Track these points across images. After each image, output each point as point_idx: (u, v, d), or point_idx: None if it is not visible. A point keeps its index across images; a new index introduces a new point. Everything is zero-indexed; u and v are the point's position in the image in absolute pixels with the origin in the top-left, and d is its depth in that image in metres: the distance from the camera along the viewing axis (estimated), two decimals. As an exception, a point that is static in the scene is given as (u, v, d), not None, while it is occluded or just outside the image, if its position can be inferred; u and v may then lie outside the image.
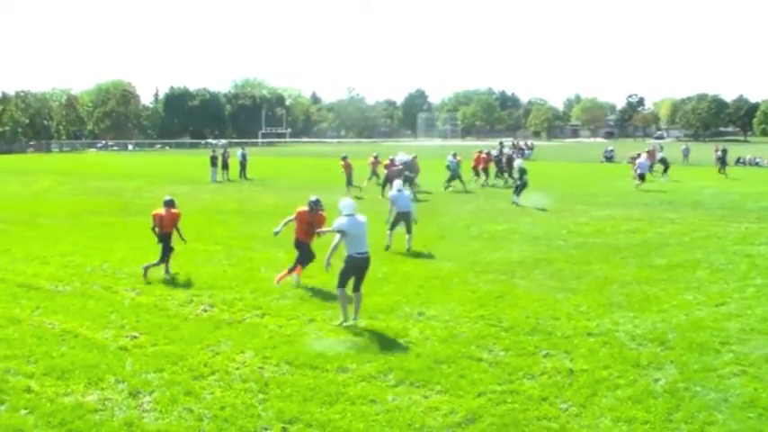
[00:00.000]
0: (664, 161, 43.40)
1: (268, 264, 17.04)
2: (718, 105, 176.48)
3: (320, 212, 14.98)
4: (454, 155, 37.85)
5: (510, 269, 16.60)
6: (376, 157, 39.47)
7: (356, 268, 12.15)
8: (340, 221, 12.02)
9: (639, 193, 35.23)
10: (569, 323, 12.16)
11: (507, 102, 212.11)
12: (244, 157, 46.03)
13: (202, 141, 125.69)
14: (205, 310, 13.12)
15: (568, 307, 13.20)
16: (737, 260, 17.62)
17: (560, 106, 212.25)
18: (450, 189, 36.39)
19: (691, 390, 9.19)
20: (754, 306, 13.24)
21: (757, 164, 50.99)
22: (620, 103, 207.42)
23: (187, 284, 15.11)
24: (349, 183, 34.73)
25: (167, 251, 15.75)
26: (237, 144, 77.14)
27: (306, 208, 14.93)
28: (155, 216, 15.93)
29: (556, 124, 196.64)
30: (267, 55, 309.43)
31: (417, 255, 18.44)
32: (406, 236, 19.00)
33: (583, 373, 9.79)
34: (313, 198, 14.91)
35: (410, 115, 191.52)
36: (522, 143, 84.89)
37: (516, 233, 21.82)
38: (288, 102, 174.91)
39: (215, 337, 11.49)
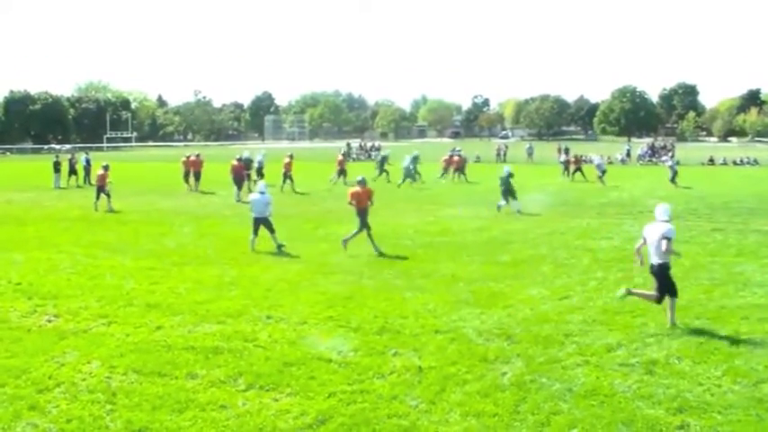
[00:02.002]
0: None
1: (113, 271, 16.71)
2: (560, 105, 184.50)
3: (367, 187, 19.56)
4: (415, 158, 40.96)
5: (358, 270, 16.77)
6: (291, 157, 39.52)
7: None
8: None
9: (485, 192, 36.23)
10: (417, 321, 12.40)
11: (354, 103, 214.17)
12: (88, 162, 44.43)
13: (45, 147, 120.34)
14: (49, 321, 12.72)
15: (416, 305, 13.46)
16: (580, 254, 18.48)
17: (407, 107, 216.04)
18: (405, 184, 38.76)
19: (536, 381, 9.57)
20: (595, 298, 13.94)
21: (586, 162, 53.50)
22: (466, 104, 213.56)
23: (29, 294, 14.51)
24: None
25: (363, 225, 19.14)
26: (81, 149, 74.32)
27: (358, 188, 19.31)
28: (352, 194, 19.42)
29: (403, 125, 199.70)
30: (111, 58, 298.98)
31: (265, 258, 18.35)
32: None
33: (431, 370, 10.00)
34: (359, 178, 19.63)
35: (258, 117, 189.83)
36: (368, 144, 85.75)
37: (363, 233, 22.02)
38: (133, 105, 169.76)
39: (60, 347, 11.16)
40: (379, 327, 12.11)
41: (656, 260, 12.27)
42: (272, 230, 19.49)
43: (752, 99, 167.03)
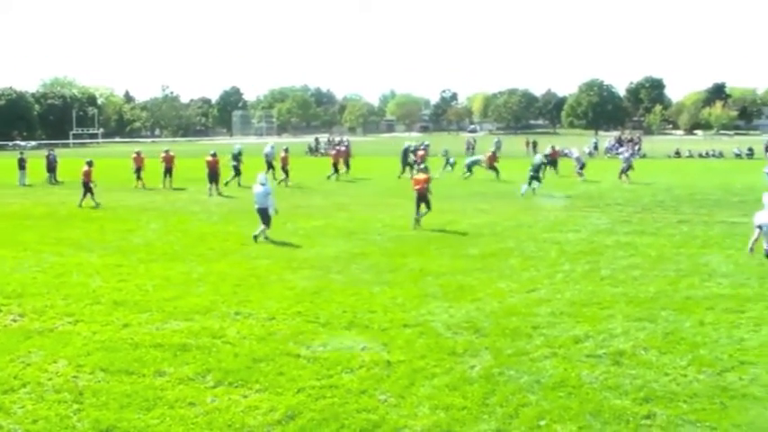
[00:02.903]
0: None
1: (79, 269, 16.60)
2: (528, 99, 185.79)
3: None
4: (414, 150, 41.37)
5: (326, 264, 16.79)
6: (286, 150, 39.72)
7: None
8: None
9: (452, 185, 36.41)
10: (386, 316, 12.46)
11: (323, 98, 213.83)
12: (54, 159, 43.92)
13: (10, 143, 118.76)
14: (14, 320, 12.62)
15: (385, 300, 13.51)
16: (547, 247, 18.63)
17: (375, 102, 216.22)
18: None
19: (505, 374, 9.66)
20: (563, 290, 14.06)
21: (566, 155, 53.81)
22: (435, 98, 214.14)
23: (-7, 294, 14.40)
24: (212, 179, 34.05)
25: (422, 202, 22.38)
26: (47, 145, 73.49)
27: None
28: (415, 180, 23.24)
29: (371, 120, 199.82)
30: (77, 53, 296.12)
31: (233, 254, 18.36)
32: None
33: (400, 364, 10.07)
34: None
35: (226, 113, 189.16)
36: (337, 138, 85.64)
37: (332, 228, 22.06)
38: (100, 101, 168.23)
39: (25, 347, 11.08)
40: (348, 321, 12.16)
41: None
42: (266, 223, 19.99)
43: (717, 92, 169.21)
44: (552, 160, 43.76)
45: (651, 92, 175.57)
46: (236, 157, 37.83)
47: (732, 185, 36.03)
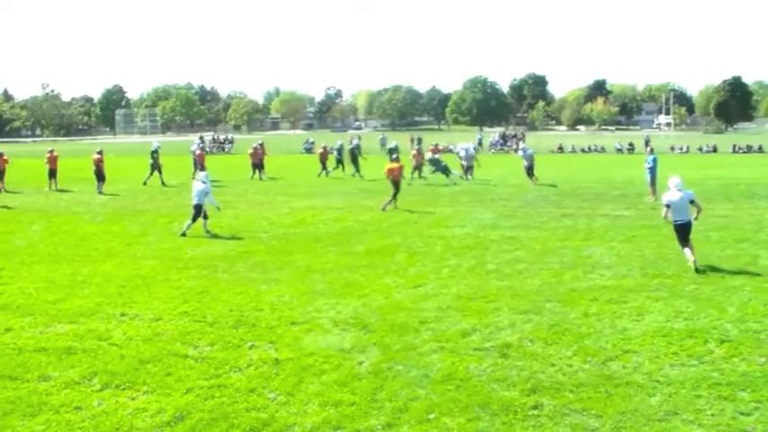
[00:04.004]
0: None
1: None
2: (412, 96, 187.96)
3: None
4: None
5: (212, 263, 16.61)
6: (261, 145, 41.94)
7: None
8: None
9: (339, 182, 36.57)
10: (273, 314, 12.41)
11: (207, 96, 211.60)
12: None
13: None
14: None
15: (272, 298, 13.45)
16: (433, 243, 18.88)
17: (260, 99, 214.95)
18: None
19: (393, 369, 9.73)
20: (449, 285, 14.27)
21: (450, 151, 54.57)
22: (319, 96, 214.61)
23: None
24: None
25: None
26: None
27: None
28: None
29: (256, 117, 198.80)
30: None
31: (118, 254, 17.98)
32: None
33: (289, 362, 10.04)
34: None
35: (108, 111, 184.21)
36: (221, 137, 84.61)
37: (218, 227, 21.75)
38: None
39: None
40: (235, 320, 12.06)
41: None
42: (199, 218, 20.69)
43: (598, 89, 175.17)
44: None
45: (534, 88, 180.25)
46: (153, 154, 38.13)
47: (614, 179, 37.33)
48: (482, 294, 13.46)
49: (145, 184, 36.38)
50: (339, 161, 42.20)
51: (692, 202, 15.38)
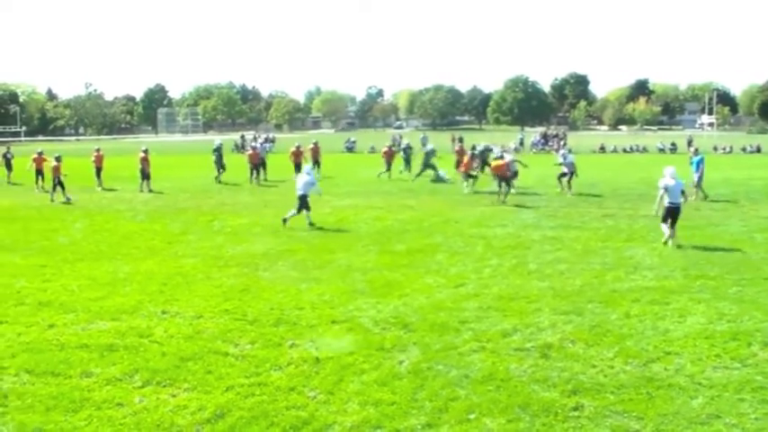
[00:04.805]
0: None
1: (3, 269, 16.38)
2: (453, 96, 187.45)
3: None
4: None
5: (253, 262, 16.70)
6: (316, 144, 42.54)
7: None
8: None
9: (380, 182, 36.54)
10: (314, 312, 12.45)
11: (248, 95, 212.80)
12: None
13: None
14: (-67, 324, 12.24)
15: (312, 296, 13.50)
16: (474, 242, 18.82)
17: (301, 98, 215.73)
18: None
19: (433, 369, 9.72)
20: (490, 285, 14.21)
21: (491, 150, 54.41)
22: (360, 95, 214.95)
23: None
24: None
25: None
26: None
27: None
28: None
29: (297, 116, 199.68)
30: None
31: (160, 252, 18.17)
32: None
33: (329, 361, 10.05)
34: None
35: (150, 110, 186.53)
36: (264, 135, 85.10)
37: (259, 226, 21.91)
38: (22, 99, 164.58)
39: (-56, 350, 10.75)
40: (276, 318, 12.11)
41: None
42: (305, 208, 21.68)
43: (640, 88, 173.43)
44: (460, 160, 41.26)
45: (576, 88, 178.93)
46: (215, 152, 39.04)
47: (655, 180, 36.62)
48: (523, 294, 13.41)
49: (219, 181, 37.06)
50: (407, 161, 40.86)
51: (682, 192, 18.33)
